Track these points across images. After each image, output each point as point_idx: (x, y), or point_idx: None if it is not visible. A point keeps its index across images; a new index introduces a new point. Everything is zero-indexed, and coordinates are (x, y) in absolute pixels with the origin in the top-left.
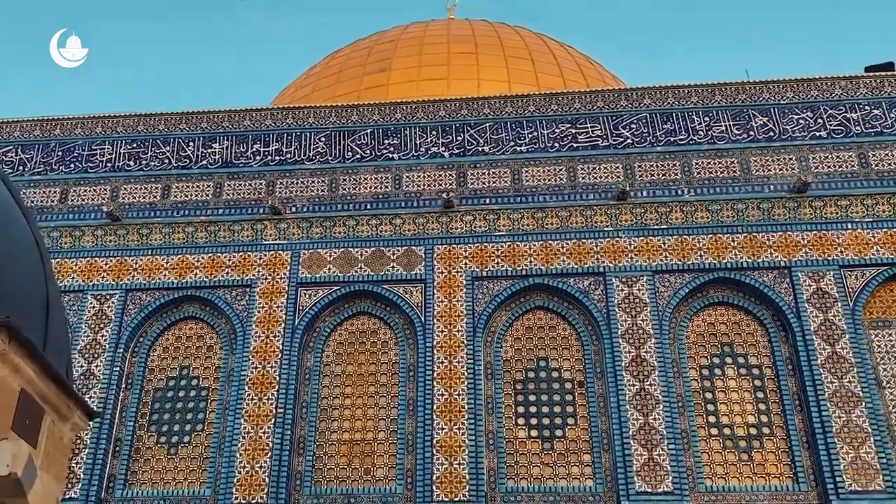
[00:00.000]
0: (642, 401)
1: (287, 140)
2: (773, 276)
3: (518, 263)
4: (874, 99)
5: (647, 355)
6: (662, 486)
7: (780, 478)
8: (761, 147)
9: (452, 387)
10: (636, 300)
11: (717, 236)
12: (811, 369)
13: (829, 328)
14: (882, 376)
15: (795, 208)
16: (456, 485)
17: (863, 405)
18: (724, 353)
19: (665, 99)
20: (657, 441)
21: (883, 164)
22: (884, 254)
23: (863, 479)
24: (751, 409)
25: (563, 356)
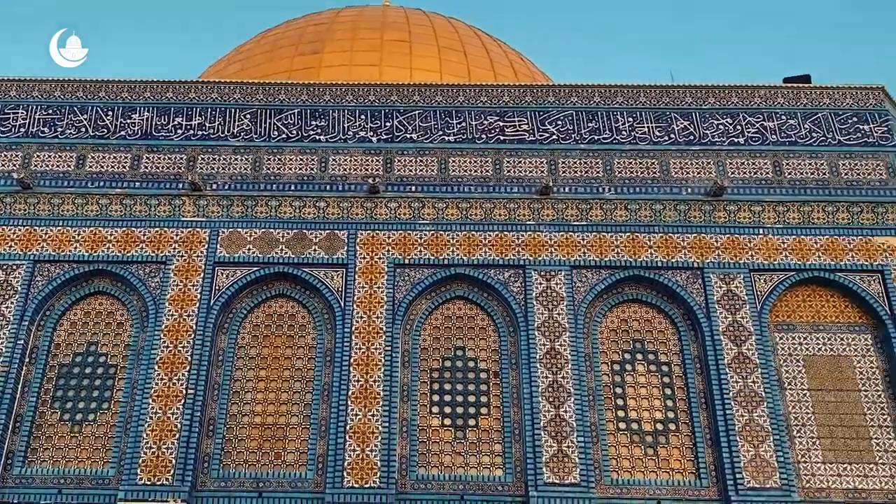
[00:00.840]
0: (554, 393)
1: (211, 115)
2: (686, 276)
3: (441, 252)
4: (791, 109)
5: (561, 348)
6: (570, 478)
7: (682, 473)
8: (681, 150)
9: (369, 373)
10: (553, 294)
11: (634, 235)
12: (718, 368)
13: (736, 329)
14: (784, 378)
15: (711, 211)
16: (367, 471)
17: (765, 405)
18: (635, 350)
19: (591, 98)
20: (567, 433)
21: (796, 172)
22: (792, 260)
23: (761, 476)
24: (658, 404)
25: (480, 346)
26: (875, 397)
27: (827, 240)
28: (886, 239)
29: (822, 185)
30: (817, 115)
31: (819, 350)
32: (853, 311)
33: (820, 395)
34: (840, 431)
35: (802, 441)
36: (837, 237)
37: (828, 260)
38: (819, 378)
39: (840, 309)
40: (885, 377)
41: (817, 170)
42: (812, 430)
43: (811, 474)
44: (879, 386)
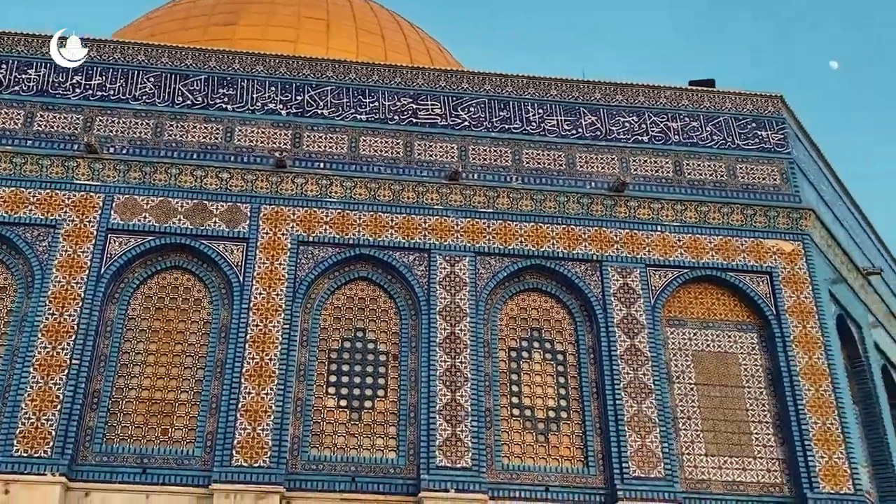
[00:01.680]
0: (452, 377)
1: (112, 76)
2: (585, 268)
3: (346, 232)
4: (694, 111)
5: (461, 333)
6: (462, 462)
7: (571, 460)
8: (588, 144)
9: (265, 351)
10: (457, 279)
11: (538, 225)
12: (611, 359)
13: (630, 322)
14: (673, 371)
15: (612, 206)
16: (257, 450)
17: (653, 397)
18: (532, 338)
19: (504, 87)
20: (461, 417)
21: (695, 173)
22: (686, 257)
23: (646, 466)
24: (552, 392)
25: (381, 328)
26: (757, 394)
27: (721, 240)
28: (776, 242)
29: (719, 187)
30: (719, 119)
31: (707, 346)
32: (741, 310)
33: (706, 390)
34: (723, 426)
35: (687, 433)
36: (731, 238)
37: (721, 259)
38: (706, 373)
39: (729, 307)
40: (768, 375)
41: (716, 172)
42: (697, 423)
43: (694, 466)
44: (762, 383)
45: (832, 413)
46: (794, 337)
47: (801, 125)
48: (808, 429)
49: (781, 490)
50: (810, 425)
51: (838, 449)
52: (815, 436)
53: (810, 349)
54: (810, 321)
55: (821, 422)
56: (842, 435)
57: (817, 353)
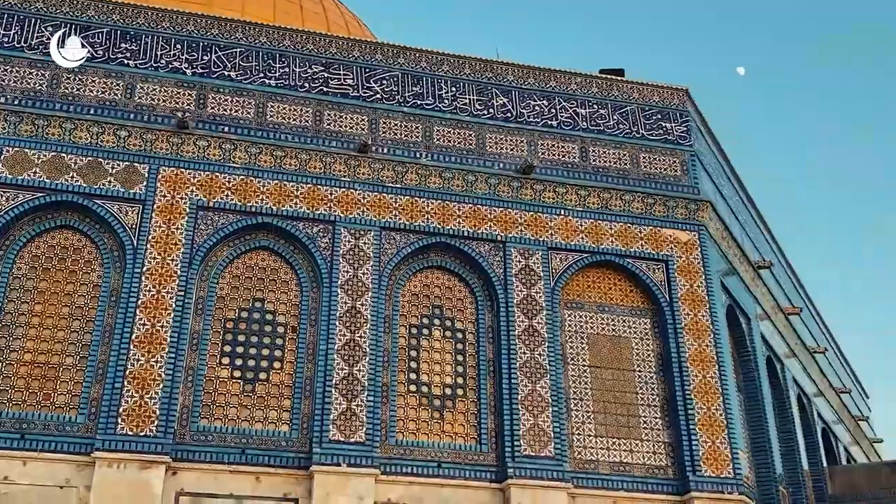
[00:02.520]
0: (350, 352)
1: (7, 23)
2: (489, 248)
3: (249, 199)
4: (602, 99)
5: (362, 308)
6: (355, 437)
7: (465, 438)
8: (498, 125)
9: (157, 317)
10: (361, 253)
11: (445, 203)
12: (508, 339)
13: (530, 303)
14: (568, 353)
15: (518, 188)
16: (144, 419)
17: (548, 377)
18: (433, 315)
19: (418, 62)
20: (357, 392)
21: (600, 160)
22: (587, 242)
23: (537, 445)
24: (450, 370)
25: (281, 300)
26: (647, 378)
27: (621, 226)
28: (674, 231)
29: (622, 175)
30: (626, 108)
31: (603, 329)
32: (637, 296)
33: (599, 372)
34: (613, 408)
35: (578, 414)
36: (631, 225)
37: (620, 246)
38: (600, 356)
39: (625, 293)
40: (659, 360)
41: (620, 159)
42: (588, 404)
43: (583, 446)
44: (652, 368)
45: (717, 399)
46: (685, 324)
47: (704, 120)
48: (694, 413)
49: (666, 473)
50: (696, 410)
51: (721, 434)
52: (700, 420)
53: (700, 336)
54: (701, 310)
55: (706, 407)
56: (725, 421)
57: (706, 341)
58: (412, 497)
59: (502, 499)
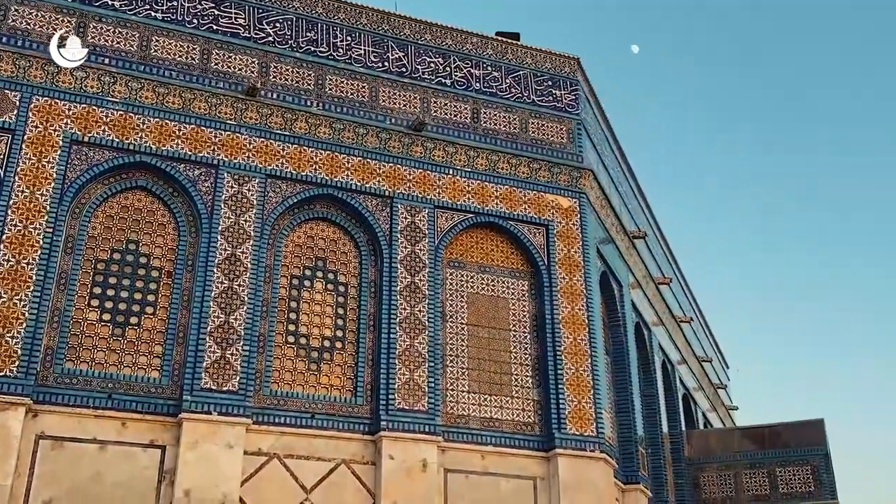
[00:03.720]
0: (227, 300)
1: None
2: (377, 203)
3: (127, 136)
4: (497, 62)
5: (242, 256)
6: (228, 386)
7: (341, 390)
8: (392, 80)
9: (22, 255)
10: (244, 200)
11: (334, 154)
12: (390, 294)
13: (413, 260)
14: (448, 310)
15: (409, 144)
16: (4, 359)
17: (426, 333)
18: (316, 267)
19: (314, 6)
20: (233, 341)
21: (490, 122)
22: (473, 203)
23: (411, 399)
24: (329, 323)
25: (157, 243)
26: (521, 338)
27: (506, 189)
28: (556, 197)
29: (511, 139)
30: (519, 73)
31: (482, 289)
32: (517, 259)
33: (476, 331)
34: (487, 365)
35: (454, 370)
36: (516, 189)
37: (504, 208)
38: (478, 315)
39: (506, 255)
40: (533, 321)
41: (510, 123)
42: (464, 361)
43: (456, 402)
44: (527, 328)
45: (586, 361)
46: (560, 288)
47: (593, 91)
48: (563, 374)
49: (533, 429)
50: (565, 370)
51: (587, 395)
52: (569, 381)
53: (574, 300)
54: (577, 275)
55: (575, 368)
56: (592, 382)
57: (579, 305)
58: (284, 447)
59: (374, 450)
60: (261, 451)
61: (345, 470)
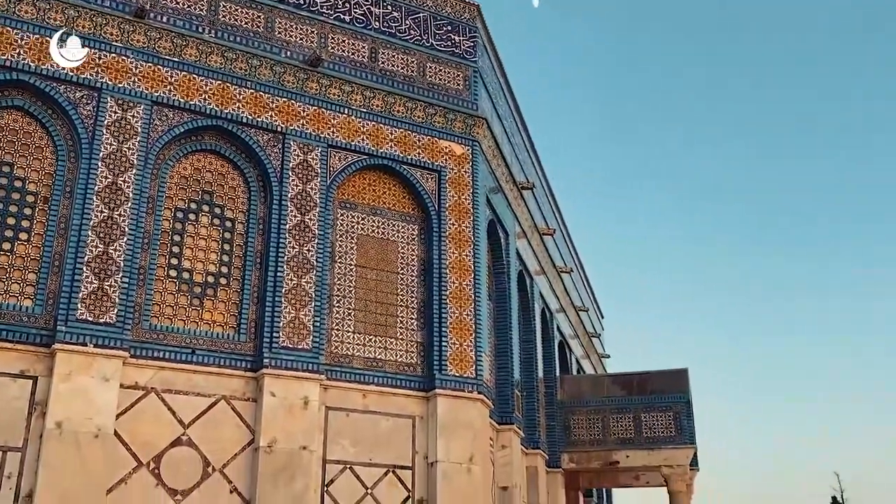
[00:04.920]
0: (107, 229)
1: None
2: (269, 138)
3: (4, 53)
4: (397, 2)
5: (124, 185)
6: (105, 318)
7: (224, 326)
8: (290, 12)
9: None
10: (128, 126)
11: (226, 85)
12: (279, 233)
13: (304, 199)
14: (337, 251)
15: (304, 80)
16: None
17: (314, 273)
18: (203, 201)
19: None
20: (112, 272)
21: (388, 63)
22: (367, 144)
23: (296, 337)
24: (214, 258)
25: (33, 167)
26: (409, 281)
27: (401, 133)
28: (450, 144)
29: (408, 82)
30: (419, 15)
31: (372, 231)
32: (408, 203)
33: (364, 272)
34: (373, 307)
35: (340, 311)
36: (410, 133)
37: (398, 152)
38: (367, 256)
39: (398, 198)
40: (421, 265)
41: (407, 66)
42: (350, 302)
43: (341, 341)
44: (415, 272)
45: (469, 306)
46: (449, 233)
47: (492, 39)
48: (447, 317)
49: (415, 370)
50: (449, 314)
51: (469, 338)
52: (452, 324)
53: (461, 247)
54: (465, 221)
55: (458, 312)
56: (474, 326)
57: (466, 251)
58: (162, 381)
59: (256, 387)
60: (138, 384)
61: (225, 406)
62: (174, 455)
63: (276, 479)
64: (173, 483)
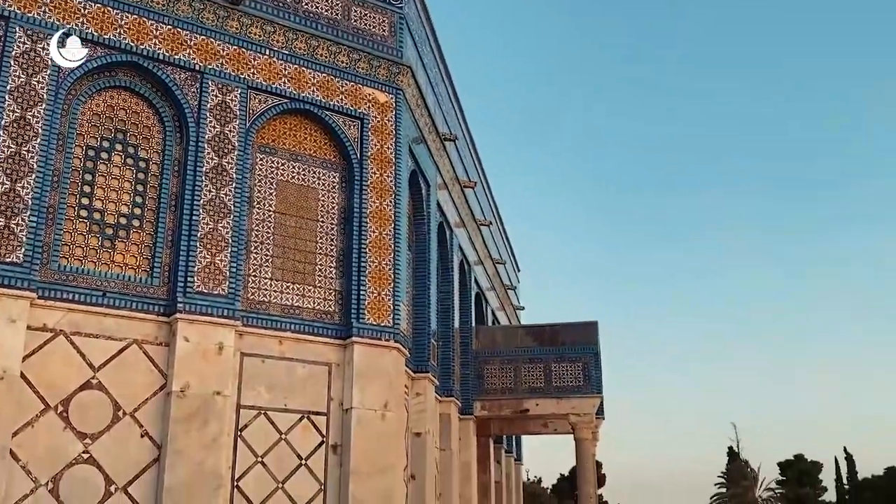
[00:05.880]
0: (14, 166)
1: None
2: (186, 77)
3: None
4: None
5: (33, 120)
6: (12, 257)
7: (136, 270)
8: None
9: None
10: (37, 59)
11: (142, 20)
12: (195, 175)
13: (222, 141)
14: (256, 196)
15: (225, 18)
16: None
17: (231, 217)
18: (116, 139)
19: None
20: (19, 210)
21: (312, 4)
22: (289, 88)
23: (211, 283)
24: (127, 199)
25: None
26: (328, 229)
27: (324, 77)
28: (374, 91)
29: (332, 25)
30: None
31: (292, 177)
32: (330, 150)
33: (283, 219)
34: (292, 254)
35: (258, 257)
36: (333, 78)
37: (320, 97)
38: (286, 203)
39: (319, 145)
40: (341, 212)
41: (332, 8)
42: (269, 248)
43: (258, 287)
44: (335, 220)
45: (389, 255)
46: (370, 182)
47: None
48: (366, 266)
49: (332, 318)
50: (368, 263)
51: (387, 287)
52: (371, 273)
53: (382, 196)
54: (388, 171)
55: (377, 261)
56: (392, 275)
57: (387, 200)
58: (72, 324)
59: (169, 332)
60: (46, 326)
61: (136, 350)
62: (83, 398)
63: (188, 424)
64: (82, 426)
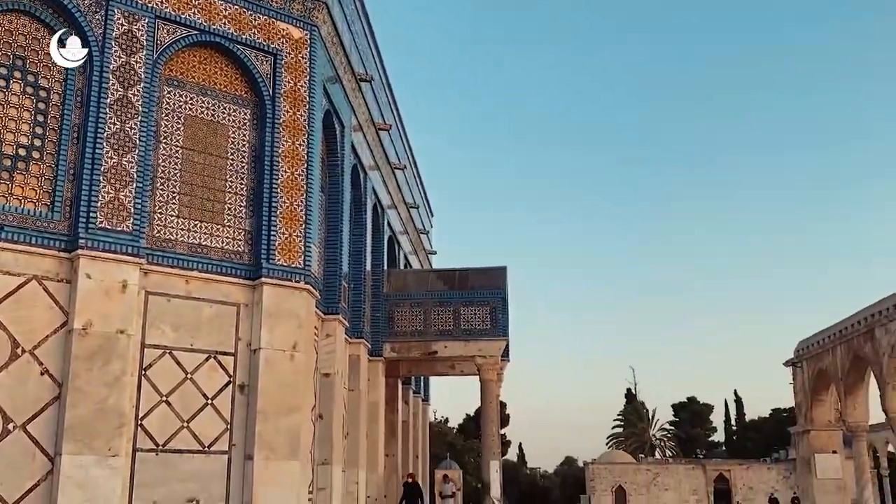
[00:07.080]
0: None
1: None
2: (90, 3)
3: None
4: None
5: None
6: None
7: (36, 203)
8: None
9: None
10: None
11: None
12: (99, 107)
13: (127, 72)
14: (163, 131)
15: None
16: None
17: (136, 152)
18: (14, 66)
19: None
20: None
21: None
22: (199, 19)
23: (115, 219)
24: (27, 130)
25: None
26: (238, 168)
27: (235, 10)
28: (287, 27)
29: None
30: None
31: (202, 113)
32: (241, 85)
33: (191, 155)
34: (200, 192)
35: (164, 193)
36: (245, 11)
37: (232, 30)
38: (194, 139)
39: (230, 79)
40: (252, 151)
41: None
42: (175, 185)
43: (163, 225)
44: (245, 158)
45: (301, 196)
46: (283, 121)
47: None
48: (277, 206)
49: (241, 258)
50: (279, 203)
51: (298, 228)
52: (282, 214)
53: (295, 135)
54: (301, 109)
55: (289, 202)
56: (304, 216)
57: (300, 140)
58: None
59: (70, 268)
60: None
61: (36, 286)
62: None
63: (90, 362)
64: None
